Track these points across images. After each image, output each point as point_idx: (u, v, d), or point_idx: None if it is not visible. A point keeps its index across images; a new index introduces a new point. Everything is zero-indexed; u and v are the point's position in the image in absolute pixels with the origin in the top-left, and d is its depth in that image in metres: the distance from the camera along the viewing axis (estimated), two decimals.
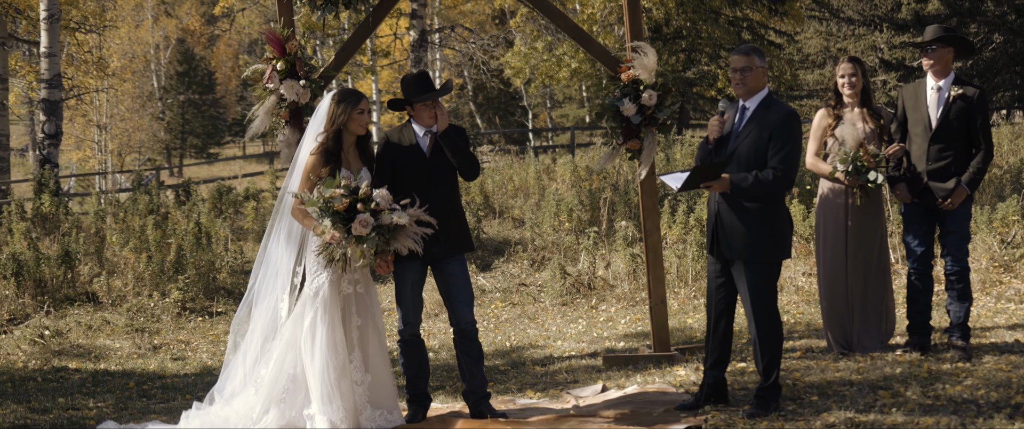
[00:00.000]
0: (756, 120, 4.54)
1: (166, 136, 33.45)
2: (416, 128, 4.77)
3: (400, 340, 4.80)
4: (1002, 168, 10.92)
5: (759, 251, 4.50)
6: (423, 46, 17.80)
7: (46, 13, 13.76)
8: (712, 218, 4.61)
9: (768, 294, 4.52)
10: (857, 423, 4.27)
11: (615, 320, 7.43)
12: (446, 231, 4.64)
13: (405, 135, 4.77)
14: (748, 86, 4.57)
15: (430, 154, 4.72)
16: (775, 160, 4.44)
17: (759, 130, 4.51)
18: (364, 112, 4.59)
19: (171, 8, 38.42)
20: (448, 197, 4.72)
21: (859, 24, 18.59)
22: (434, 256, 4.67)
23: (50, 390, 5.94)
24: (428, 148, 4.74)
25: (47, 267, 8.62)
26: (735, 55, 4.66)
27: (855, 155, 5.32)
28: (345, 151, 4.58)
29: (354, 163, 4.63)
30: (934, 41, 5.35)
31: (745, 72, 4.55)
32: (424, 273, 4.76)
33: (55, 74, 13.93)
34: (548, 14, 6.04)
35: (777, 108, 4.56)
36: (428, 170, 4.69)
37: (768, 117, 4.53)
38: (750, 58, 4.56)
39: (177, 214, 11.09)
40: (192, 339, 7.63)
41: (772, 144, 4.46)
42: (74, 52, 18.65)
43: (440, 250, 4.66)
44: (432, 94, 4.70)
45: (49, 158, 13.74)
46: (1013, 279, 7.35)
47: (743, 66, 4.56)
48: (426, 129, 4.75)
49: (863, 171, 5.32)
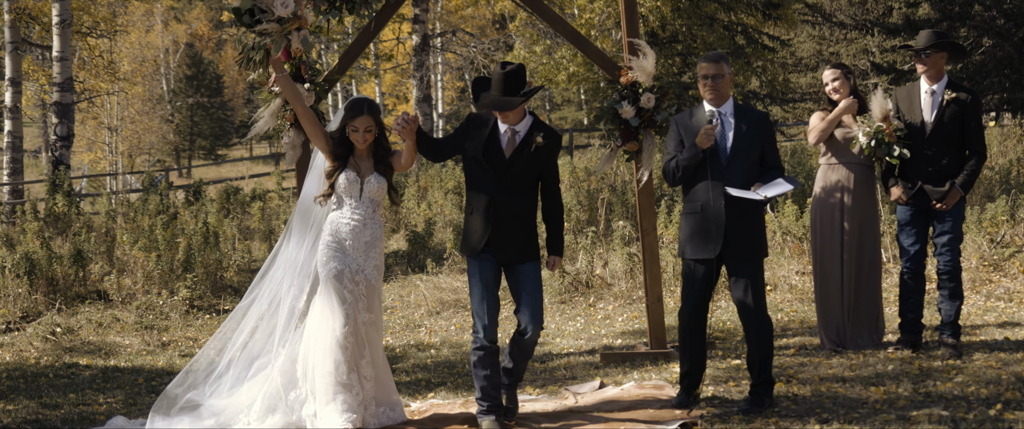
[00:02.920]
0: (742, 121, 4.63)
1: (175, 138, 33.70)
2: (499, 120, 4.45)
3: (474, 347, 4.50)
4: (992, 169, 11.00)
5: (761, 249, 4.62)
6: (425, 50, 17.94)
7: (59, 18, 13.94)
8: (716, 220, 4.55)
9: (763, 290, 4.63)
10: (850, 419, 4.33)
11: (613, 318, 7.52)
12: (514, 238, 4.41)
13: (488, 123, 4.44)
14: (720, 92, 4.64)
15: (514, 154, 4.40)
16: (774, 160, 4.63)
17: (750, 129, 4.60)
18: (359, 131, 4.51)
19: (180, 14, 38.69)
20: (520, 204, 4.41)
21: (851, 28, 18.78)
22: (510, 260, 4.44)
23: (61, 386, 6.03)
24: (507, 147, 4.41)
25: (59, 266, 8.76)
26: (705, 62, 4.65)
27: (878, 128, 5.37)
28: (357, 155, 4.59)
29: (365, 166, 4.60)
30: (929, 47, 5.43)
31: (717, 79, 4.61)
32: (497, 274, 4.49)
33: (67, 78, 14.11)
34: (547, 19, 6.13)
35: (752, 110, 4.72)
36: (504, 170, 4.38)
37: (751, 118, 4.64)
38: (720, 66, 4.63)
39: (185, 214, 11.24)
40: (200, 336, 7.75)
41: (769, 142, 4.62)
42: (86, 56, 18.84)
43: (517, 254, 4.42)
44: (498, 103, 4.34)
45: (61, 159, 13.92)
46: (1002, 278, 7.42)
47: (714, 73, 4.61)
48: (509, 126, 4.43)
49: (886, 145, 5.37)
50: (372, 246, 4.61)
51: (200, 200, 12.23)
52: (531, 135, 4.41)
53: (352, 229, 4.58)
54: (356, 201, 4.59)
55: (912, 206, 5.48)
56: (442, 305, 8.25)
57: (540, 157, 4.43)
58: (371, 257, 4.60)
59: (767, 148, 4.62)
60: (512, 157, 4.41)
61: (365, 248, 4.59)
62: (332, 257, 4.56)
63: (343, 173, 4.57)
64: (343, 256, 4.55)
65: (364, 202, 4.60)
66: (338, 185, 4.58)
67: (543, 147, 4.41)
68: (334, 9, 5.67)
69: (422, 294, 8.42)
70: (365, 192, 4.60)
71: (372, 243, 4.61)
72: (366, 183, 4.59)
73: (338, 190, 4.60)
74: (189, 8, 39.77)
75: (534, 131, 4.42)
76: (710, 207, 4.56)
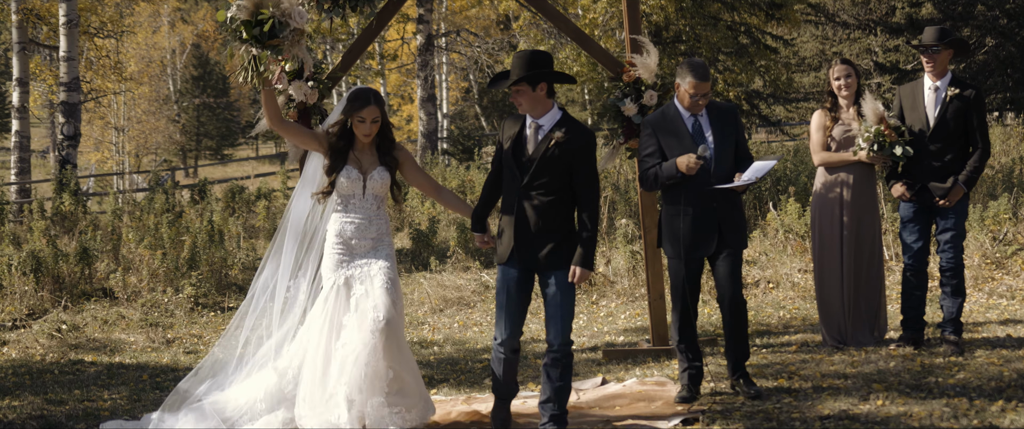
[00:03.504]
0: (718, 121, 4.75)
1: (181, 138, 33.83)
2: (526, 116, 4.20)
3: (494, 354, 4.36)
4: (994, 168, 11.01)
5: (745, 240, 4.84)
6: (429, 50, 17.98)
7: (66, 19, 14.02)
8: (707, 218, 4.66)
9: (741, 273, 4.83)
10: (851, 414, 4.35)
11: (615, 315, 7.54)
12: (537, 240, 4.14)
13: (519, 121, 4.21)
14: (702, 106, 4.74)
15: (535, 150, 4.12)
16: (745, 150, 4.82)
17: (725, 127, 4.75)
18: (366, 121, 4.34)
19: (187, 14, 38.83)
20: (546, 206, 4.11)
21: (854, 28, 18.83)
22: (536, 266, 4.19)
23: (67, 382, 6.07)
24: (531, 143, 4.15)
25: (65, 264, 8.82)
26: (701, 82, 4.64)
27: (878, 131, 5.39)
28: (358, 150, 4.41)
29: (367, 161, 4.42)
30: (937, 43, 5.44)
31: (706, 96, 4.71)
32: (526, 281, 4.23)
33: (74, 78, 14.18)
34: (551, 18, 6.15)
35: (720, 105, 4.82)
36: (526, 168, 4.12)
37: (724, 115, 4.78)
38: (709, 83, 4.71)
39: (191, 213, 11.30)
40: (204, 333, 7.79)
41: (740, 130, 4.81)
42: (93, 57, 18.94)
43: (542, 261, 4.15)
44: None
45: (68, 159, 14.00)
46: (1005, 275, 7.42)
47: (706, 91, 4.70)
48: (533, 120, 4.16)
49: (888, 146, 5.40)
50: (380, 241, 4.44)
51: (205, 199, 12.29)
52: (553, 130, 4.11)
53: (357, 227, 4.42)
54: (359, 199, 4.42)
55: (915, 203, 5.49)
56: (445, 302, 8.28)
57: (567, 156, 4.08)
58: (380, 251, 4.42)
59: (739, 137, 4.80)
60: (533, 154, 4.11)
61: (372, 245, 4.43)
62: (339, 263, 4.39)
63: (344, 171, 4.39)
64: (351, 257, 4.39)
65: (368, 199, 4.43)
66: (339, 185, 4.41)
67: (565, 144, 4.06)
68: (337, 8, 5.68)
69: (426, 292, 8.45)
70: (368, 189, 4.42)
71: (379, 239, 4.45)
72: (369, 179, 4.41)
73: (340, 190, 4.43)
74: (195, 9, 39.90)
75: (556, 127, 4.11)
76: (702, 207, 4.66)
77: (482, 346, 6.81)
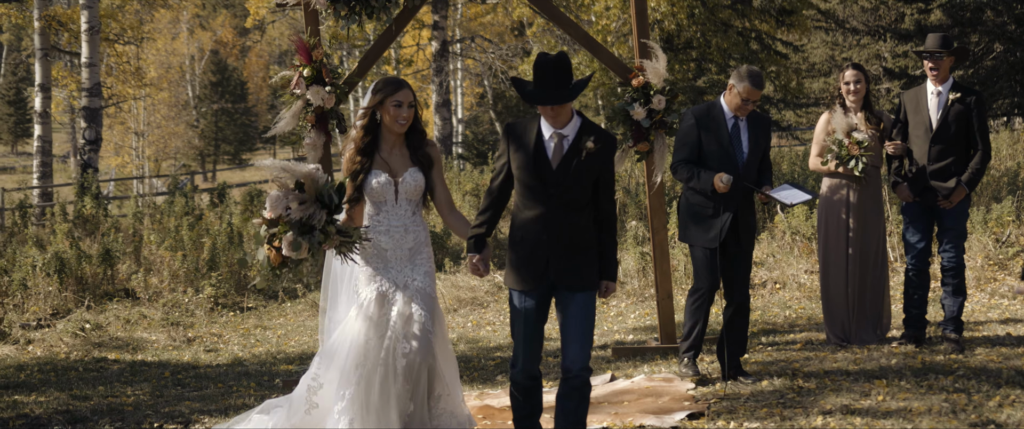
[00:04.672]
0: (754, 127, 5.16)
1: (200, 143, 34.20)
2: (543, 124, 3.78)
3: (511, 380, 3.91)
4: (999, 171, 11.04)
5: (754, 242, 5.22)
6: (444, 56, 18.18)
7: (87, 26, 14.30)
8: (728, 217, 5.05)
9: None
10: (853, 410, 4.43)
11: (625, 314, 7.65)
12: (565, 259, 3.74)
13: (529, 130, 3.78)
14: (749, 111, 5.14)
15: (562, 163, 3.73)
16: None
17: (760, 135, 5.16)
18: (402, 106, 3.93)
19: (205, 21, 39.25)
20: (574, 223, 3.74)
21: (864, 34, 18.85)
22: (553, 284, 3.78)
23: (91, 379, 6.21)
24: (554, 156, 3.74)
25: (88, 265, 9.02)
26: (755, 89, 5.04)
27: (840, 143, 5.62)
28: (386, 150, 4.00)
29: (397, 162, 4.00)
30: (940, 50, 5.57)
31: (755, 103, 5.11)
32: (544, 306, 3.82)
33: (95, 83, 14.45)
34: (562, 26, 6.27)
35: (758, 114, 5.21)
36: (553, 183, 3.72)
37: (760, 123, 5.18)
38: (761, 92, 5.08)
39: (210, 215, 11.50)
40: (224, 332, 7.96)
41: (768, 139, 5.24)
42: (113, 63, 19.25)
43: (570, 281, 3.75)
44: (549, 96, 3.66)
45: (90, 163, 14.25)
46: (1007, 277, 7.48)
47: (757, 99, 5.09)
48: (554, 131, 3.75)
49: (846, 159, 5.61)
50: (417, 252, 4.03)
51: (224, 202, 12.49)
52: (580, 139, 3.73)
53: (392, 236, 3.99)
54: (392, 205, 4.00)
55: (918, 203, 5.59)
56: (460, 303, 8.41)
57: (594, 165, 3.73)
58: (419, 264, 4.01)
59: (766, 145, 5.21)
60: (561, 167, 3.72)
61: (409, 255, 4.01)
62: (372, 277, 3.98)
63: (372, 175, 3.97)
64: (385, 269, 3.98)
65: (401, 205, 4.01)
66: (370, 191, 3.99)
67: (595, 152, 3.71)
68: (354, 15, 5.78)
69: (440, 292, 8.59)
70: (401, 193, 4.00)
71: (417, 249, 4.03)
72: (401, 183, 4.00)
73: (371, 196, 4.01)
74: (214, 16, 40.35)
75: (583, 135, 3.73)
76: (726, 206, 5.05)
77: (495, 345, 6.93)
